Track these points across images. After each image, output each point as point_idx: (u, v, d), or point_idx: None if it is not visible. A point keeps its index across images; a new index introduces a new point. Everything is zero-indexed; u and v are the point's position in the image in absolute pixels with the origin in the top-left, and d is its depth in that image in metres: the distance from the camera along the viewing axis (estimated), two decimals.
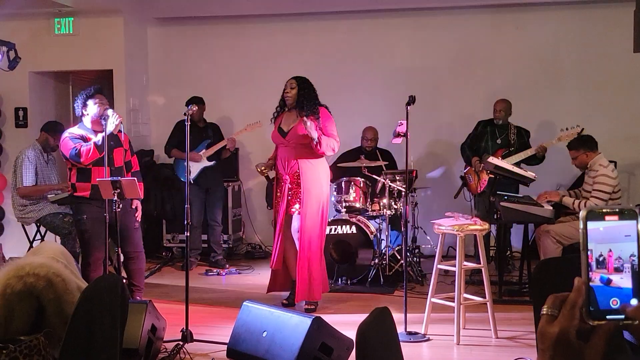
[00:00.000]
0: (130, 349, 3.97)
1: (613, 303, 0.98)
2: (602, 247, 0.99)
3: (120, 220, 5.05)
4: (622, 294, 0.98)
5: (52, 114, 8.16)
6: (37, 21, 7.96)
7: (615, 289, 0.98)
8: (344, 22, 8.26)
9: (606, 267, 0.98)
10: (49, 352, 2.18)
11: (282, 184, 5.62)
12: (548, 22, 7.84)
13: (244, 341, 4.07)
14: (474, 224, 4.95)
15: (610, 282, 0.98)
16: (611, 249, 0.98)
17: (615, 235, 0.98)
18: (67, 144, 5.12)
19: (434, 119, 8.02)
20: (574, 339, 0.99)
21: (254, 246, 8.28)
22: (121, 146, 5.33)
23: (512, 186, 6.51)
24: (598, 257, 0.98)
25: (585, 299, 0.98)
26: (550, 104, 7.81)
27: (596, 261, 0.98)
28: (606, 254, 0.98)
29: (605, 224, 0.99)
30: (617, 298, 0.98)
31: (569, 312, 0.99)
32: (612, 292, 0.98)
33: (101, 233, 4.96)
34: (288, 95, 5.68)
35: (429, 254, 7.35)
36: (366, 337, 1.67)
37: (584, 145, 5.93)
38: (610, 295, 0.98)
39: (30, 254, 2.79)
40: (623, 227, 0.98)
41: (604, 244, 0.99)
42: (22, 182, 6.36)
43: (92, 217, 5.10)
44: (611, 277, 0.98)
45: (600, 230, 0.99)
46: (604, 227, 0.99)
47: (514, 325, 5.10)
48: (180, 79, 8.52)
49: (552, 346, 0.99)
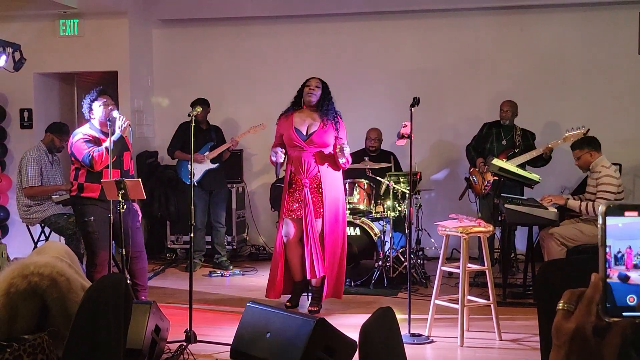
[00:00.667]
0: (134, 350, 3.97)
1: (630, 300, 0.97)
2: (621, 244, 0.98)
3: (124, 220, 5.07)
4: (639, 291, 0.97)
5: (57, 115, 8.18)
6: (42, 22, 7.99)
7: (633, 286, 0.97)
8: (348, 24, 8.26)
9: (624, 263, 0.98)
10: (52, 351, 2.19)
11: (302, 187, 5.44)
12: (553, 24, 7.83)
13: (247, 342, 4.06)
14: (478, 226, 4.94)
15: (629, 279, 0.97)
16: (630, 246, 0.98)
17: (635, 231, 0.98)
18: (80, 147, 5.12)
19: (439, 121, 8.02)
20: (590, 335, 0.98)
21: (258, 248, 8.29)
22: (128, 150, 5.37)
23: (517, 188, 6.50)
24: (616, 254, 0.97)
25: (602, 295, 0.97)
26: (555, 106, 7.80)
27: (614, 257, 0.98)
28: (625, 251, 0.98)
29: (625, 220, 0.98)
30: (635, 295, 0.97)
31: (586, 307, 0.98)
32: (630, 289, 0.97)
33: (107, 234, 4.97)
34: (313, 93, 5.47)
35: (433, 256, 7.34)
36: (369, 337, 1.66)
37: (588, 145, 5.91)
38: (628, 292, 0.97)
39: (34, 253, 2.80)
40: None
41: (623, 240, 0.98)
42: (27, 182, 6.37)
43: (99, 218, 5.11)
44: (629, 273, 0.97)
45: (619, 226, 0.98)
46: (623, 224, 0.98)
47: (517, 328, 5.08)
48: (185, 80, 8.54)
49: (568, 342, 0.99)
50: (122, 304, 2.13)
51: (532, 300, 5.70)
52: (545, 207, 5.80)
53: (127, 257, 5.33)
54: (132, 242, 5.32)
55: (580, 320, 0.98)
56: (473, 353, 4.63)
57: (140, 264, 5.42)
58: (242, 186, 8.24)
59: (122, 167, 5.25)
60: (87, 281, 2.51)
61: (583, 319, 0.98)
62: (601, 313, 0.97)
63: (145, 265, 5.52)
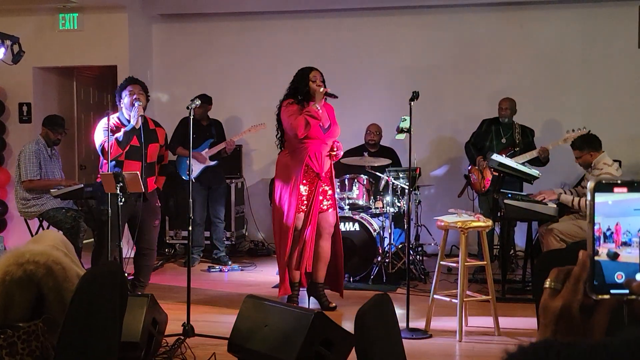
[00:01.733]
0: (131, 343, 3.95)
1: (618, 277, 0.96)
2: (610, 221, 0.96)
3: (142, 215, 5.13)
4: (628, 268, 0.96)
5: (55, 110, 8.15)
6: (41, 16, 7.97)
7: (621, 263, 0.96)
8: (348, 19, 8.24)
9: (614, 241, 0.96)
10: (47, 338, 2.17)
11: (315, 180, 5.32)
12: (552, 20, 7.82)
13: (245, 335, 4.04)
14: (477, 221, 4.93)
15: (617, 257, 0.96)
16: (619, 223, 0.96)
17: (624, 209, 0.96)
18: (97, 136, 5.13)
19: (438, 117, 8.00)
20: (576, 313, 0.96)
21: (257, 243, 8.27)
22: (156, 142, 5.36)
23: (516, 184, 6.49)
24: (606, 231, 0.96)
25: (589, 272, 0.96)
26: (554, 102, 7.78)
27: (603, 235, 0.96)
28: (614, 228, 0.96)
29: (614, 197, 0.96)
30: (623, 272, 0.96)
31: (573, 286, 0.97)
32: (618, 267, 0.96)
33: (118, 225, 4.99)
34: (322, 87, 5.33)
35: (432, 253, 7.33)
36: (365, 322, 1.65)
37: (588, 146, 5.90)
38: (616, 269, 0.96)
39: (30, 242, 2.78)
40: (632, 201, 0.96)
41: (612, 217, 0.96)
42: (26, 176, 6.36)
43: (115, 209, 5.10)
44: (618, 251, 0.96)
45: (609, 203, 0.96)
46: (613, 201, 0.96)
47: (516, 323, 5.07)
48: (184, 76, 8.52)
49: (555, 320, 0.97)
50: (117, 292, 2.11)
51: (531, 296, 5.68)
52: (545, 203, 5.78)
53: (136, 251, 5.37)
54: (146, 239, 5.36)
55: (566, 299, 0.96)
56: (471, 348, 4.61)
57: (148, 261, 5.48)
58: (241, 182, 8.22)
59: (144, 159, 5.21)
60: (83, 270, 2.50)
61: (570, 297, 0.96)
62: (588, 291, 0.95)
63: (151, 263, 5.56)
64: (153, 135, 5.33)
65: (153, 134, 5.34)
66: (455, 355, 4.55)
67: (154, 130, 5.38)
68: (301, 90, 5.33)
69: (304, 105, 5.26)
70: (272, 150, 8.11)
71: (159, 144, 5.40)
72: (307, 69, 5.42)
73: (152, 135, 5.32)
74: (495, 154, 6.09)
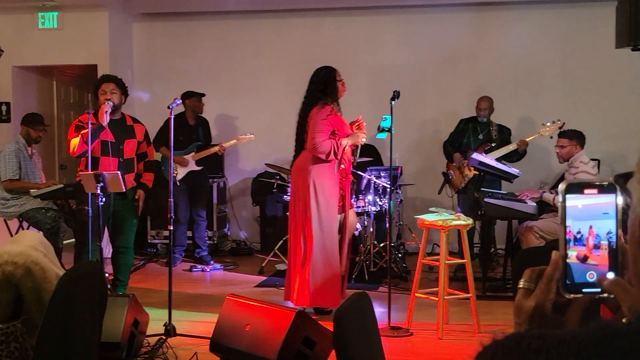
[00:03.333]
0: (112, 343, 3.94)
1: (590, 277, 0.98)
2: (580, 224, 0.98)
3: (121, 214, 5.13)
4: (598, 270, 0.98)
5: (35, 109, 8.07)
6: (21, 15, 7.90)
7: (591, 265, 0.98)
8: (329, 19, 8.26)
9: (584, 244, 0.98)
10: (26, 339, 2.16)
11: (344, 181, 5.28)
12: (532, 20, 7.88)
13: (227, 335, 4.05)
14: (457, 219, 4.96)
15: (587, 260, 0.98)
16: (592, 226, 0.98)
17: (594, 212, 0.98)
18: (70, 131, 5.17)
19: (419, 116, 8.03)
20: (549, 312, 0.99)
21: (239, 242, 8.26)
22: (133, 137, 5.33)
23: (495, 182, 6.54)
24: (576, 234, 0.98)
25: (562, 272, 0.98)
26: (533, 101, 7.85)
27: (574, 238, 0.98)
28: (585, 231, 0.98)
29: (584, 201, 0.98)
30: (594, 272, 0.98)
31: (545, 285, 0.99)
32: (589, 269, 0.98)
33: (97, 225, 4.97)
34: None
35: (414, 251, 7.36)
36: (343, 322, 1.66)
37: (578, 139, 5.97)
38: (587, 269, 0.98)
39: (9, 242, 2.76)
40: (601, 205, 0.98)
41: (582, 220, 0.99)
42: (5, 176, 6.30)
43: (95, 209, 5.09)
44: (588, 254, 0.98)
45: (579, 207, 0.98)
46: (583, 205, 0.98)
47: (496, 321, 5.12)
48: (166, 75, 8.48)
49: (528, 320, 0.99)
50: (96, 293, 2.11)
51: (511, 294, 5.73)
52: (525, 201, 5.84)
53: (113, 250, 5.37)
54: (123, 237, 5.35)
55: (540, 298, 0.99)
56: (452, 345, 4.65)
57: (125, 259, 5.46)
58: (223, 181, 8.21)
59: (121, 155, 5.20)
60: (62, 270, 2.49)
61: (543, 296, 0.99)
62: (562, 290, 0.98)
63: (130, 262, 5.53)
64: (130, 132, 5.31)
65: (130, 130, 5.32)
66: (435, 353, 4.58)
67: (131, 127, 5.36)
68: (330, 92, 5.23)
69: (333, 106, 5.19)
70: (253, 149, 8.14)
71: (137, 139, 5.37)
72: (331, 70, 5.32)
73: (129, 131, 5.29)
74: (475, 153, 6.13)
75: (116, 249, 5.43)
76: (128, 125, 5.32)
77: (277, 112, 8.30)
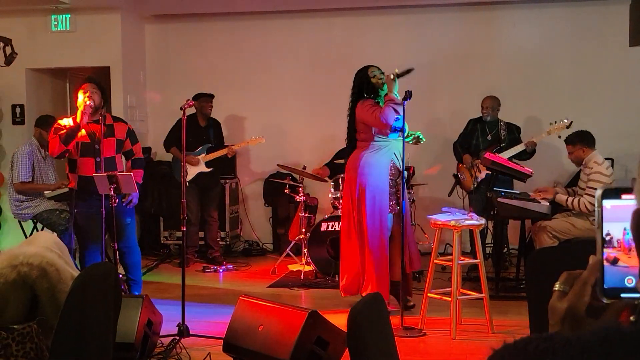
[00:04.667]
0: (126, 344, 3.97)
1: (628, 282, 0.97)
2: (609, 226, 0.98)
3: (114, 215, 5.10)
4: (631, 273, 0.97)
5: (49, 111, 8.13)
6: (34, 18, 7.96)
7: (622, 267, 0.98)
8: (340, 19, 8.26)
9: (614, 246, 0.98)
10: (41, 339, 2.18)
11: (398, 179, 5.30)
12: (543, 19, 7.84)
13: (240, 335, 4.06)
14: (470, 219, 4.95)
15: (617, 262, 0.98)
16: (626, 228, 0.98)
17: (625, 214, 0.97)
18: (50, 134, 5.20)
19: (430, 116, 8.01)
20: (582, 315, 0.99)
21: (251, 243, 8.28)
22: (112, 136, 5.29)
23: (508, 182, 6.51)
24: (605, 236, 0.98)
25: (600, 276, 0.98)
26: (544, 100, 7.81)
27: (609, 240, 0.98)
28: (615, 233, 0.98)
29: (621, 203, 0.98)
30: (632, 277, 0.97)
31: (580, 289, 0.99)
32: (623, 272, 0.98)
33: (92, 228, 4.96)
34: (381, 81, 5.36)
35: (426, 252, 7.33)
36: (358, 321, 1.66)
37: (581, 141, 5.92)
38: (624, 274, 0.98)
39: (24, 244, 2.78)
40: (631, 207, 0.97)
41: (618, 222, 0.98)
42: (18, 178, 6.35)
43: (82, 210, 5.10)
44: (619, 256, 0.98)
45: (608, 208, 0.98)
46: (619, 206, 0.98)
47: (510, 321, 5.10)
48: (177, 76, 8.52)
49: (561, 321, 1.00)
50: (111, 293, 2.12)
51: (524, 294, 5.70)
52: (538, 201, 5.81)
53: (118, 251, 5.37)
54: (122, 237, 5.34)
55: (572, 301, 0.99)
56: (465, 345, 4.63)
57: (131, 258, 5.44)
58: (235, 182, 8.23)
59: (97, 155, 5.16)
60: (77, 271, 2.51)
61: (576, 300, 0.99)
62: (599, 294, 0.98)
63: (136, 260, 5.52)
64: (109, 131, 5.27)
65: (109, 129, 5.28)
66: (449, 353, 4.56)
67: (111, 126, 5.31)
68: (366, 89, 5.37)
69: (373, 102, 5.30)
70: (265, 150, 8.15)
71: (116, 138, 5.32)
72: (364, 68, 5.47)
73: (108, 130, 5.26)
74: (487, 153, 6.10)
75: (119, 250, 5.39)
76: (108, 124, 5.27)
77: (289, 113, 8.32)
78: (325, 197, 7.38)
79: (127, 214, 5.39)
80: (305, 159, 7.84)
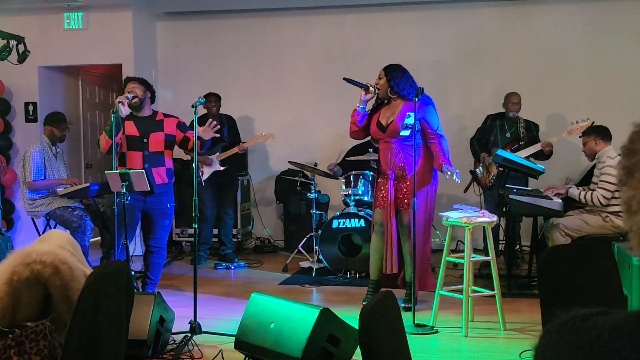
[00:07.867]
0: (139, 340, 3.99)
1: None
2: None
3: (153, 213, 5.21)
4: None
5: (61, 109, 8.18)
6: (46, 16, 8.00)
7: None
8: (351, 15, 8.24)
9: None
10: (55, 337, 2.19)
11: (386, 179, 5.36)
12: (557, 14, 7.79)
13: (251, 332, 4.07)
14: (482, 217, 4.93)
15: None
16: None
17: None
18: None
19: (443, 113, 7.95)
20: None
21: (263, 240, 8.29)
22: (160, 130, 5.36)
23: (521, 179, 6.47)
24: None
25: None
26: (559, 97, 7.76)
27: None
28: None
29: None
30: None
31: None
32: None
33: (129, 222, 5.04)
34: (377, 86, 5.46)
35: (437, 248, 7.32)
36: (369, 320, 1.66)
37: (596, 132, 5.87)
38: None
39: (37, 241, 2.80)
40: None
41: None
42: (30, 176, 6.39)
43: (121, 205, 5.13)
44: None
45: None
46: None
47: (522, 318, 5.08)
48: (189, 73, 8.54)
49: None
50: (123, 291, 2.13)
51: (536, 292, 5.68)
52: (550, 198, 5.78)
53: (146, 248, 5.45)
54: (154, 237, 5.43)
55: None
56: (477, 343, 4.62)
57: (156, 259, 5.53)
58: (247, 179, 8.24)
59: (146, 148, 5.27)
60: (89, 269, 2.52)
61: None
62: None
63: (160, 261, 5.58)
64: (157, 125, 5.34)
65: (159, 124, 5.36)
66: (461, 351, 4.56)
67: (160, 121, 5.40)
68: None
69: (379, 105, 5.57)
70: (277, 147, 8.15)
71: (164, 132, 5.39)
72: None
73: (157, 125, 5.33)
74: (500, 149, 6.08)
75: (148, 247, 5.50)
76: (157, 120, 5.40)
77: (300, 110, 8.33)
78: (337, 194, 7.37)
79: (167, 216, 5.46)
80: (316, 156, 7.84)
